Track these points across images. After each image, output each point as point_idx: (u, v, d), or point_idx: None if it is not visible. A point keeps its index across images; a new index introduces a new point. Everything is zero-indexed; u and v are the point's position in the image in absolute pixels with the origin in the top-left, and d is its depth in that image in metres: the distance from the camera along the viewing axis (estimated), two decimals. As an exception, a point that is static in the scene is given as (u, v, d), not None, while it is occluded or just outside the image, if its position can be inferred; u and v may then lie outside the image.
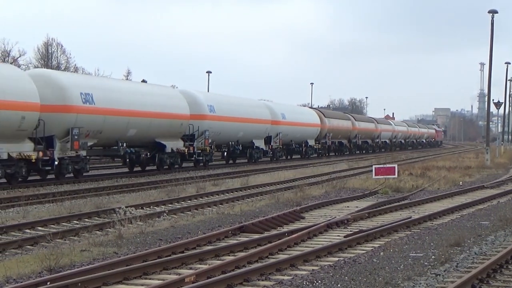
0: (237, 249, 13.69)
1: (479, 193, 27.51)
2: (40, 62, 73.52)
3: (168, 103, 37.09)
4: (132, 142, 34.37)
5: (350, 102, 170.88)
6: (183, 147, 38.51)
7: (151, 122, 35.11)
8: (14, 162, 26.41)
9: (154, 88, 38.79)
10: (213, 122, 41.72)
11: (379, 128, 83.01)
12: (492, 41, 49.00)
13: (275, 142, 51.48)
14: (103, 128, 31.56)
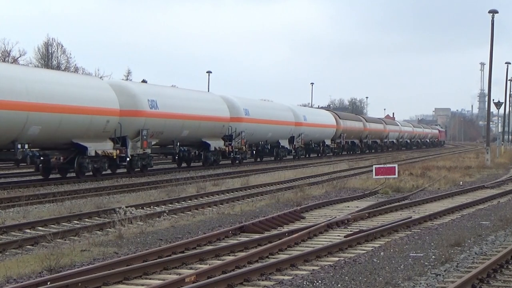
0: (238, 249, 13.69)
1: (479, 193, 27.51)
2: (40, 62, 73.58)
3: (213, 107, 42.71)
4: (184, 142, 39.47)
5: (350, 102, 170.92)
6: (224, 146, 43.54)
7: (200, 124, 40.49)
8: (99, 158, 31.54)
9: (201, 94, 45.57)
10: (248, 124, 47.01)
11: (387, 129, 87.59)
12: (493, 41, 49.01)
13: (297, 142, 55.95)
14: (164, 130, 36.65)
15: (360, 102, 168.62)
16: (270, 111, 52.37)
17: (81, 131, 30.15)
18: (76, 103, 29.63)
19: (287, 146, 54.45)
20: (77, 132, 29.99)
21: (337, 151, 67.46)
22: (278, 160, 52.97)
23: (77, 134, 30.06)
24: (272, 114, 52.07)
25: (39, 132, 27.57)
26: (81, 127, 30.15)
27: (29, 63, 70.91)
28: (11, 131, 26.45)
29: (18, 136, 26.85)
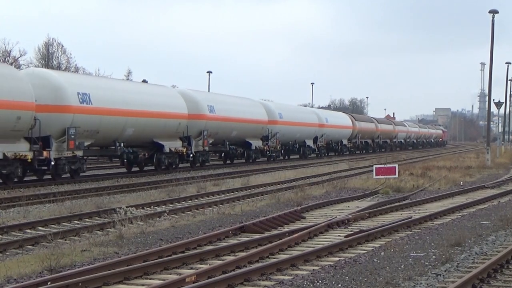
0: (238, 249, 13.69)
1: (479, 193, 27.50)
2: (41, 62, 73.54)
3: (255, 111, 48.76)
4: (232, 141, 44.66)
5: (351, 102, 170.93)
6: (262, 145, 49.84)
7: (245, 126, 46.02)
8: (172, 154, 33.64)
9: (244, 100, 50.54)
10: (282, 126, 53.07)
11: (396, 129, 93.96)
12: (493, 41, 48.97)
13: (320, 142, 62.43)
14: (219, 131, 42.86)
15: (361, 102, 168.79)
16: (299, 115, 59.28)
17: (159, 132, 36.09)
18: (159, 109, 35.78)
19: (311, 145, 60.59)
20: (157, 133, 35.98)
21: (353, 150, 73.25)
22: (304, 157, 58.50)
23: (157, 134, 36.04)
24: (301, 117, 58.81)
25: (132, 133, 33.80)
26: (160, 129, 36.13)
27: (30, 63, 70.91)
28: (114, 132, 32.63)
29: (118, 136, 33.02)
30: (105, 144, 33.51)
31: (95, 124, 31.08)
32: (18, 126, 26.77)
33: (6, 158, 26.27)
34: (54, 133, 28.88)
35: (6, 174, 26.63)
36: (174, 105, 37.90)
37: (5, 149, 26.25)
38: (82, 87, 31.09)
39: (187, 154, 38.28)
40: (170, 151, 37.06)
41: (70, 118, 29.46)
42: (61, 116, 29.21)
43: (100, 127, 31.42)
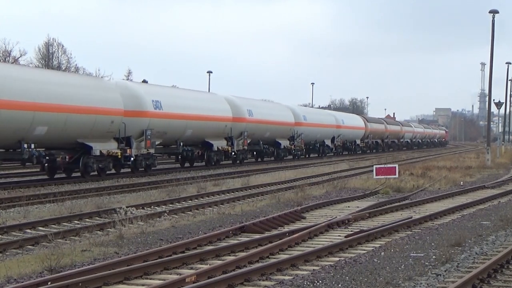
0: (238, 249, 13.69)
1: (479, 193, 27.50)
2: (41, 62, 73.53)
3: (283, 115, 54.57)
4: (265, 141, 50.52)
5: (351, 102, 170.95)
6: (289, 144, 54.68)
7: (277, 128, 52.00)
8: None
9: (276, 105, 58.03)
10: (306, 127, 58.67)
11: (404, 130, 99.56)
12: (493, 41, 48.96)
13: (337, 141, 67.47)
14: (256, 132, 46.97)
15: (361, 102, 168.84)
16: (320, 117, 65.28)
17: (211, 133, 41.79)
18: (210, 113, 41.63)
19: (329, 145, 65.94)
20: (209, 133, 41.45)
21: (365, 149, 78.26)
22: (323, 156, 63.81)
23: (208, 135, 41.52)
24: (321, 119, 64.61)
25: (191, 134, 38.97)
26: (212, 130, 41.86)
27: (30, 63, 70.85)
28: (177, 133, 38.09)
29: (180, 137, 38.44)
30: (169, 143, 38.48)
31: (165, 126, 36.37)
32: (111, 128, 32.37)
33: (102, 155, 31.78)
34: (134, 134, 34.28)
35: (102, 167, 32.19)
36: (222, 109, 43.70)
37: (101, 147, 31.78)
38: (156, 95, 36.59)
39: (231, 152, 44.18)
40: (217, 149, 42.62)
41: (147, 121, 34.94)
42: (141, 120, 34.57)
43: (168, 129, 36.76)
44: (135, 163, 34.25)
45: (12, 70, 29.68)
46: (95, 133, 31.24)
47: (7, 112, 26.23)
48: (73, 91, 30.35)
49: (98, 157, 31.63)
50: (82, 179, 30.31)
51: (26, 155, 27.66)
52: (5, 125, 26.32)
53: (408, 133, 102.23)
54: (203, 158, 42.10)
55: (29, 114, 27.18)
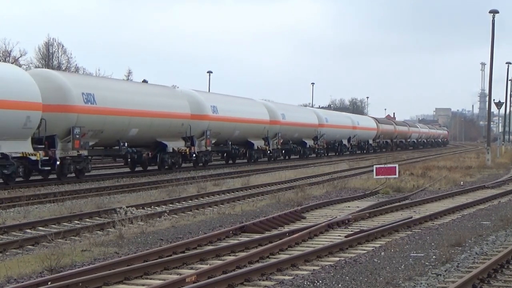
0: (238, 249, 13.69)
1: (480, 193, 27.49)
2: (41, 62, 73.51)
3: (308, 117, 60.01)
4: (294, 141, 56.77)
5: (351, 102, 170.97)
6: (313, 144, 59.74)
7: (301, 130, 57.06)
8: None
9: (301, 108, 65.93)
10: (328, 128, 63.88)
11: (411, 130, 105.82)
12: (493, 41, 48.96)
13: (352, 141, 73.04)
14: (287, 133, 54.20)
15: (361, 102, 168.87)
16: (339, 118, 71.38)
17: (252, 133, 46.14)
18: (251, 116, 46.16)
19: (346, 144, 71.45)
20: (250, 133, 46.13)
21: (376, 148, 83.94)
22: (341, 154, 68.83)
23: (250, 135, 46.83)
24: (340, 120, 70.32)
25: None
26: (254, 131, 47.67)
27: (30, 63, 70.93)
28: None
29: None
30: (220, 143, 43.58)
31: (220, 128, 41.92)
32: (181, 129, 37.45)
33: (174, 151, 36.62)
34: (196, 134, 39.46)
35: (174, 162, 37.37)
36: (261, 113, 48.89)
37: (173, 145, 37.03)
38: (213, 101, 42.56)
39: (268, 150, 49.70)
40: (257, 148, 48.43)
41: (207, 124, 41.01)
42: (202, 122, 40.51)
43: (221, 130, 42.63)
44: (196, 159, 39.81)
45: (110, 83, 36.66)
46: (169, 133, 37.09)
47: (112, 118, 32.04)
48: (155, 99, 36.34)
49: (171, 153, 37.36)
50: (82, 179, 30.33)
51: (123, 152, 33.89)
52: (109, 127, 32.04)
53: (414, 133, 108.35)
54: (245, 155, 48.40)
55: (127, 119, 33.16)
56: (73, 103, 29.72)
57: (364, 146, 79.09)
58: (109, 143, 33.69)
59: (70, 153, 29.48)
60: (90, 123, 30.54)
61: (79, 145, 29.53)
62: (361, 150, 77.98)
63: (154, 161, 37.02)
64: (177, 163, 38.45)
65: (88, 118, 30.33)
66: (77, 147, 29.47)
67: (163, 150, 36.93)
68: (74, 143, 29.33)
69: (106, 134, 32.05)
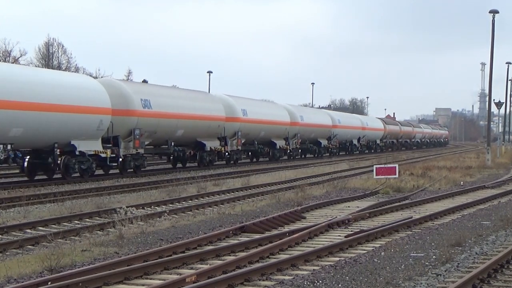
0: (238, 249, 13.69)
1: (480, 193, 27.49)
2: (41, 62, 73.56)
3: (323, 119, 64.87)
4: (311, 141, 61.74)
5: (351, 102, 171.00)
6: (327, 144, 64.77)
7: (317, 131, 61.96)
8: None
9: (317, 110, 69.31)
10: (340, 129, 68.61)
11: (415, 131, 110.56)
12: (493, 42, 48.95)
13: (362, 141, 77.98)
14: (307, 133, 59.17)
15: (361, 102, 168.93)
16: (350, 120, 76.09)
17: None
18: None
19: (356, 144, 75.77)
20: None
21: (383, 148, 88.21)
22: (351, 154, 73.55)
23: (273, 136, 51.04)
24: (351, 122, 75.24)
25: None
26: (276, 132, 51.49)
27: (30, 63, 70.94)
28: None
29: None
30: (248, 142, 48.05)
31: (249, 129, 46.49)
32: (218, 130, 42.76)
33: (211, 150, 41.46)
34: (229, 134, 43.81)
35: (211, 160, 42.01)
36: (282, 115, 54.20)
37: (211, 145, 41.48)
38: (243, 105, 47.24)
39: (289, 150, 54.70)
40: (279, 148, 53.31)
41: (239, 125, 45.50)
42: (234, 124, 45.17)
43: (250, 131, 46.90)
44: (229, 157, 44.42)
45: (162, 90, 39.95)
46: (208, 134, 41.48)
47: (164, 120, 36.33)
48: (198, 104, 40.92)
49: (209, 152, 41.80)
50: (82, 179, 30.36)
51: (171, 150, 38.04)
52: (161, 129, 36.23)
53: (418, 134, 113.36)
54: (268, 154, 52.32)
55: (175, 121, 37.52)
56: (134, 108, 34.33)
57: (372, 146, 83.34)
58: (160, 143, 37.83)
59: (131, 151, 34.00)
60: (147, 125, 35.00)
61: (138, 144, 34.09)
62: (369, 149, 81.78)
63: (194, 159, 41.52)
64: (214, 160, 43.12)
65: (146, 121, 34.85)
66: (137, 146, 34.06)
67: (202, 149, 41.60)
68: (134, 142, 33.97)
69: (159, 135, 36.53)
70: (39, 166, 29.91)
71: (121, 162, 33.16)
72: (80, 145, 30.03)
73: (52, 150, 28.89)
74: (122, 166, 33.74)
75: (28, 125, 26.96)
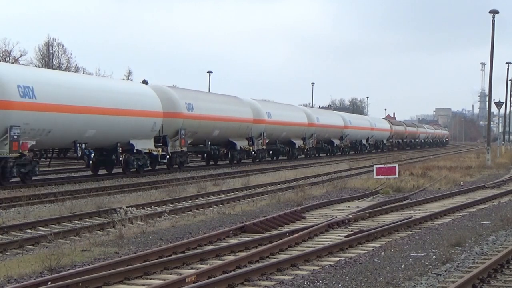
0: (238, 249, 13.69)
1: (480, 193, 27.50)
2: (41, 62, 73.54)
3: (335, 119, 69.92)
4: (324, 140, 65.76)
5: (351, 102, 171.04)
6: (340, 143, 69.34)
7: (330, 131, 66.28)
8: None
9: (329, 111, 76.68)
10: (351, 130, 73.09)
11: (419, 131, 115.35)
12: (493, 42, 48.95)
13: (370, 141, 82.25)
14: (324, 133, 64.01)
15: (361, 102, 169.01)
16: (360, 121, 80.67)
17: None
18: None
19: (365, 143, 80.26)
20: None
21: (390, 147, 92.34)
22: (360, 153, 77.41)
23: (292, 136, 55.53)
24: (360, 123, 79.50)
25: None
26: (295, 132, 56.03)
27: (30, 63, 70.92)
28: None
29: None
30: (272, 142, 52.30)
31: (272, 130, 51.15)
32: (246, 131, 46.87)
33: (241, 149, 46.11)
34: (255, 135, 48.47)
35: (240, 158, 46.66)
36: (300, 117, 58.49)
37: (241, 144, 45.90)
38: (268, 108, 51.91)
39: (306, 149, 58.96)
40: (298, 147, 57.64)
41: (264, 127, 49.85)
42: (260, 125, 49.20)
43: (273, 132, 51.57)
44: (255, 155, 49.02)
45: (202, 94, 45.24)
46: (238, 134, 45.97)
47: (203, 122, 40.73)
48: (230, 107, 45.30)
49: (239, 150, 46.26)
50: (82, 179, 30.37)
51: (208, 149, 42.65)
52: (201, 129, 40.71)
53: (422, 134, 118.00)
54: (288, 153, 56.84)
55: (212, 123, 42.09)
56: (180, 110, 38.71)
57: (379, 145, 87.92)
58: (199, 142, 41.96)
59: (176, 149, 38.10)
60: (190, 126, 39.30)
61: (184, 143, 38.27)
62: (376, 149, 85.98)
63: (225, 157, 45.88)
64: (242, 158, 47.68)
65: (189, 122, 39.20)
66: (182, 144, 38.28)
67: (233, 148, 46.03)
68: (180, 141, 38.18)
69: (199, 135, 40.82)
70: (104, 162, 34.04)
71: (168, 159, 37.07)
72: (137, 144, 34.16)
73: (115, 149, 32.91)
74: (169, 163, 37.90)
75: (99, 127, 31.05)
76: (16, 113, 26.22)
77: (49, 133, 28.06)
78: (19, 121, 26.28)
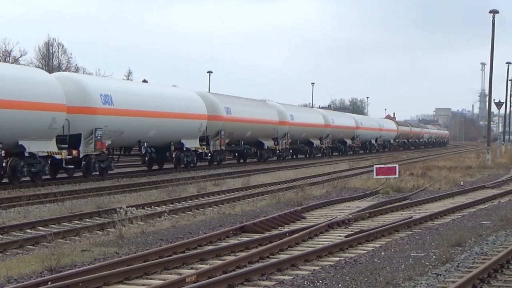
0: (238, 249, 13.69)
1: (480, 193, 27.50)
2: (41, 62, 73.56)
3: (347, 121, 73.81)
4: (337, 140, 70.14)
5: (351, 102, 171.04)
6: (352, 143, 73.23)
7: (342, 131, 70.66)
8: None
9: (343, 114, 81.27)
10: (362, 130, 77.53)
11: (423, 131, 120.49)
12: (493, 42, 48.94)
13: (379, 141, 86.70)
14: (338, 133, 68.28)
15: (361, 102, 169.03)
16: (369, 122, 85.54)
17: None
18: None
19: (374, 144, 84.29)
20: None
21: (396, 147, 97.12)
22: (368, 153, 79.75)
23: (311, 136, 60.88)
24: (370, 123, 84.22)
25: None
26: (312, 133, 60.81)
27: (30, 63, 70.93)
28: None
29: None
30: (294, 142, 56.69)
31: (295, 131, 56.01)
32: (273, 131, 51.84)
33: (268, 148, 51.31)
34: (280, 135, 53.14)
35: (267, 156, 51.24)
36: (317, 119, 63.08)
37: (268, 144, 51.21)
38: (291, 111, 56.73)
39: (323, 148, 64.14)
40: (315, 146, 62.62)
41: (287, 128, 54.31)
42: (284, 127, 53.96)
43: (296, 132, 56.32)
44: (280, 154, 53.55)
45: (238, 99, 49.57)
46: (265, 135, 50.84)
47: (239, 124, 45.46)
48: (260, 110, 50.96)
49: (266, 149, 51.20)
50: (83, 179, 30.39)
51: (242, 148, 47.60)
52: (237, 131, 45.38)
53: (426, 134, 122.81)
54: (307, 152, 61.54)
55: (245, 125, 46.84)
56: (221, 114, 43.48)
57: (387, 145, 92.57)
58: (234, 142, 46.54)
59: (217, 148, 42.66)
60: (229, 127, 43.96)
61: (223, 143, 43.02)
62: (383, 148, 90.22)
63: (254, 155, 50.45)
64: (269, 157, 52.06)
65: (228, 124, 43.89)
66: (222, 144, 42.97)
67: (261, 147, 50.80)
68: (220, 141, 42.85)
69: (234, 135, 45.45)
70: (157, 159, 38.08)
71: (210, 157, 41.48)
72: (187, 143, 38.71)
73: (168, 147, 37.52)
74: (211, 160, 42.34)
75: (159, 128, 35.83)
76: (99, 117, 31.09)
77: (122, 134, 33.00)
78: (101, 124, 31.09)
